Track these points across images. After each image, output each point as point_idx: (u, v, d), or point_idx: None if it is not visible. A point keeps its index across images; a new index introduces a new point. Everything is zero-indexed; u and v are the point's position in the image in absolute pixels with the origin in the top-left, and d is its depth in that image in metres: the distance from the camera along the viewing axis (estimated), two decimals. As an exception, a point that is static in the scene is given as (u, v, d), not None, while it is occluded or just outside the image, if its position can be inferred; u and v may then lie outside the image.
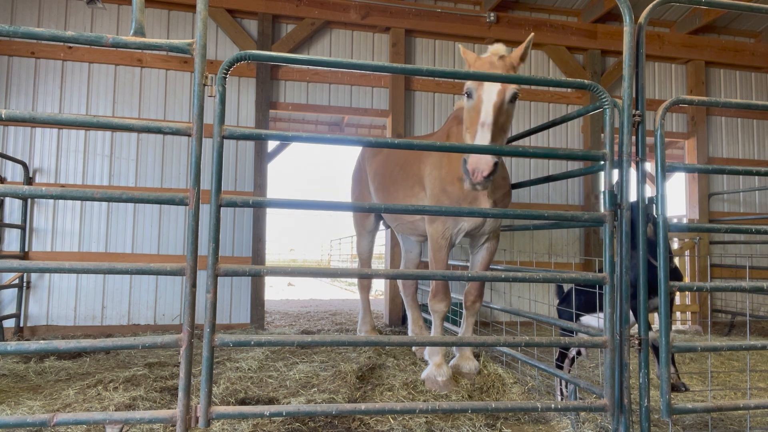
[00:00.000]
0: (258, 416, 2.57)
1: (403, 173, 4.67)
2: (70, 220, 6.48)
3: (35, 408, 3.50)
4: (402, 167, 4.71)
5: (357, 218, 5.87)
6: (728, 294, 7.68)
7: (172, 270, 2.42)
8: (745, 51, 8.38)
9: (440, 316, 4.24)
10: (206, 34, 2.46)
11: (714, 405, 2.83)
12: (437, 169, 4.17)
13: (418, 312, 5.51)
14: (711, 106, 3.05)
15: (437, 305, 4.21)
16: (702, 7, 3.96)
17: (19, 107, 6.48)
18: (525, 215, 2.81)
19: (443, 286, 4.23)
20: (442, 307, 4.21)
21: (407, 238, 5.60)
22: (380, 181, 5.08)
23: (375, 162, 5.36)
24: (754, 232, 2.95)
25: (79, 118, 2.46)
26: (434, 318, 4.26)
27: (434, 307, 4.23)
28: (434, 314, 4.26)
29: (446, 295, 4.23)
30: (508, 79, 3.16)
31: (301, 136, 2.70)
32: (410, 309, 5.52)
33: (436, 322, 4.28)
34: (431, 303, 4.23)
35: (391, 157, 4.99)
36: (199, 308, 5.25)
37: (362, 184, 5.75)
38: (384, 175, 5.01)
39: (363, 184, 5.72)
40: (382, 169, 5.09)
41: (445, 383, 3.96)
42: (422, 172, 4.38)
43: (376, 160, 5.34)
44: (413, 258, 5.76)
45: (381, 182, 5.06)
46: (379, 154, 5.32)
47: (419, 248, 5.72)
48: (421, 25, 7.43)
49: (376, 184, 5.19)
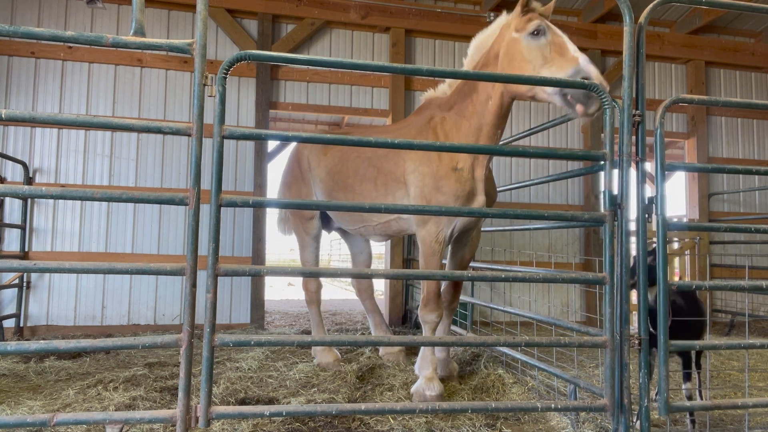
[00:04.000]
0: (258, 416, 2.57)
1: (372, 170, 4.19)
2: (70, 220, 6.48)
3: (35, 408, 3.51)
4: (371, 163, 4.21)
5: (298, 223, 5.02)
6: (728, 294, 7.69)
7: (172, 270, 2.42)
8: (745, 51, 8.38)
9: (432, 327, 3.86)
10: (206, 34, 2.46)
11: (712, 403, 2.83)
12: (425, 165, 3.77)
13: (380, 316, 5.18)
14: (711, 105, 3.06)
15: (429, 315, 3.83)
16: (702, 7, 3.95)
17: (19, 107, 6.49)
18: (525, 215, 2.81)
19: (436, 294, 3.84)
20: (434, 317, 3.83)
21: (355, 239, 5.17)
22: (340, 179, 4.48)
23: (328, 158, 4.70)
24: (754, 232, 2.95)
25: (79, 118, 2.46)
26: (425, 330, 3.89)
27: (426, 317, 3.84)
28: (426, 326, 3.86)
29: (439, 304, 3.86)
30: (508, 79, 3.16)
31: (301, 136, 2.70)
32: (371, 313, 5.16)
33: (427, 334, 3.88)
34: (423, 313, 3.85)
35: (353, 152, 4.41)
36: (199, 308, 5.25)
37: (299, 185, 5.01)
38: (344, 173, 4.43)
39: (300, 185, 5.00)
40: (341, 165, 4.49)
41: (435, 399, 3.63)
42: (401, 168, 3.94)
43: (331, 156, 4.69)
44: (365, 259, 5.37)
45: (341, 181, 4.46)
46: (333, 148, 4.67)
47: (370, 248, 5.38)
48: (421, 25, 7.43)
49: (332, 183, 4.57)
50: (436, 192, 3.74)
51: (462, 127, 3.78)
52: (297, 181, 5.03)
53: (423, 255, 3.88)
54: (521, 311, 4.13)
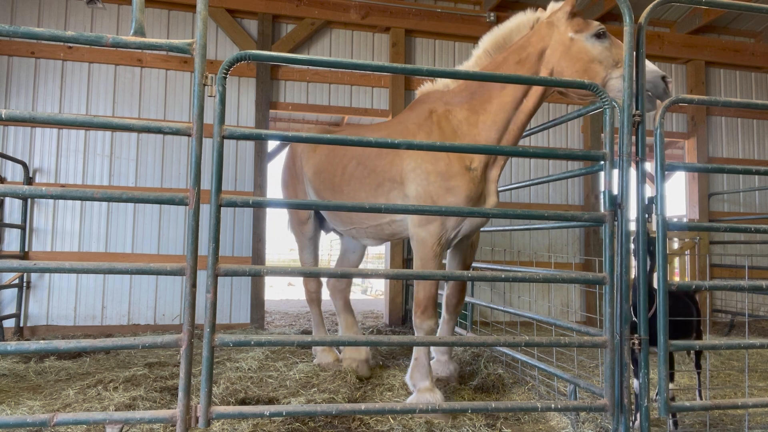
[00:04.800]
0: (258, 416, 2.57)
1: (362, 169, 3.91)
2: (70, 220, 6.48)
3: (35, 408, 3.51)
4: (360, 162, 3.93)
5: (295, 225, 4.88)
6: (728, 294, 7.69)
7: (172, 270, 2.42)
8: (745, 51, 8.38)
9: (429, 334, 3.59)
10: (206, 34, 2.46)
11: (712, 403, 2.83)
12: (430, 163, 3.51)
13: (352, 317, 4.83)
14: (711, 105, 3.06)
15: (426, 322, 3.54)
16: (702, 7, 3.95)
17: (19, 107, 6.49)
18: (525, 215, 2.81)
19: (433, 300, 3.57)
20: (431, 324, 3.56)
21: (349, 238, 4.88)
22: (326, 178, 4.22)
23: (315, 157, 4.46)
24: (754, 232, 2.95)
25: (79, 118, 2.46)
26: None
27: (423, 324, 3.55)
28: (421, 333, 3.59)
29: (435, 310, 3.60)
30: (508, 79, 3.16)
31: (300, 136, 2.70)
32: (343, 314, 4.81)
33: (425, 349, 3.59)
34: (419, 320, 3.56)
35: (340, 150, 4.17)
36: (199, 308, 5.25)
37: (294, 184, 4.82)
38: (332, 172, 4.17)
39: (296, 184, 4.80)
40: (328, 164, 4.22)
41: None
42: (398, 166, 3.67)
43: (317, 154, 4.46)
44: (356, 260, 5.09)
45: (328, 180, 4.20)
46: (321, 146, 4.43)
47: (363, 250, 5.10)
48: (421, 25, 7.43)
49: (319, 183, 4.33)
50: (446, 192, 3.48)
51: (478, 124, 3.57)
52: (293, 179, 4.84)
53: (421, 258, 3.56)
54: (521, 311, 4.13)
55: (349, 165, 4.02)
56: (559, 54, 3.37)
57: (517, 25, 3.64)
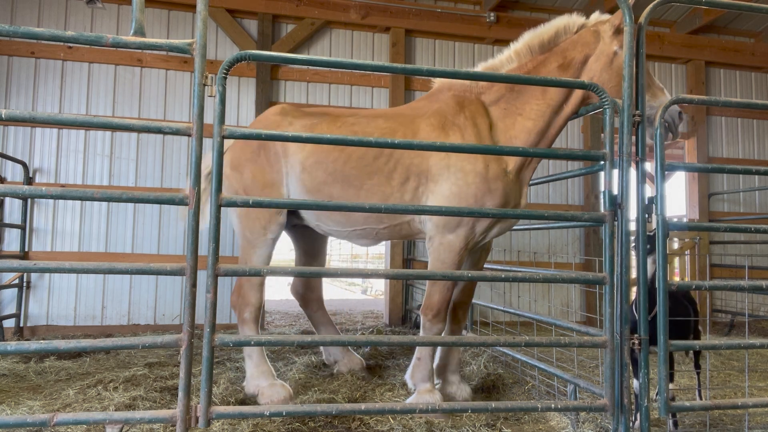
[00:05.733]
0: (258, 416, 2.57)
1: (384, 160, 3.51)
2: (70, 220, 6.48)
3: (35, 408, 3.51)
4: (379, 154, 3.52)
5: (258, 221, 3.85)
6: (728, 294, 7.68)
7: (172, 270, 2.42)
8: (745, 51, 8.38)
9: None
10: (206, 34, 2.46)
11: (712, 403, 2.83)
12: (470, 162, 3.34)
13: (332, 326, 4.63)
14: (711, 105, 3.06)
15: (437, 326, 3.45)
16: (702, 7, 3.96)
17: (19, 107, 6.49)
18: (525, 215, 2.81)
19: (447, 304, 3.48)
20: (442, 328, 3.50)
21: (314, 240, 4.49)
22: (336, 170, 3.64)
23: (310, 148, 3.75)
24: (754, 232, 2.95)
25: (79, 118, 2.46)
26: None
27: (434, 328, 3.45)
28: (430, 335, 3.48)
29: (447, 314, 3.53)
30: (508, 79, 3.16)
31: (300, 136, 2.70)
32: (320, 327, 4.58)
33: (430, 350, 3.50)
34: (430, 323, 3.45)
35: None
36: (199, 308, 5.23)
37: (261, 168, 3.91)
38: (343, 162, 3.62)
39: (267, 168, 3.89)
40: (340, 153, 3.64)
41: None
42: (426, 163, 3.43)
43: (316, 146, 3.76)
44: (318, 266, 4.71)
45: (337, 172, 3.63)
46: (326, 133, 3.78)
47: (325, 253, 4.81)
48: (421, 25, 7.43)
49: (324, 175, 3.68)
50: (488, 194, 3.34)
51: (516, 126, 3.49)
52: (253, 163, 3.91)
53: (443, 262, 3.39)
54: (521, 311, 4.13)
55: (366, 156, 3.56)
56: (602, 65, 3.36)
57: (564, 27, 3.55)
